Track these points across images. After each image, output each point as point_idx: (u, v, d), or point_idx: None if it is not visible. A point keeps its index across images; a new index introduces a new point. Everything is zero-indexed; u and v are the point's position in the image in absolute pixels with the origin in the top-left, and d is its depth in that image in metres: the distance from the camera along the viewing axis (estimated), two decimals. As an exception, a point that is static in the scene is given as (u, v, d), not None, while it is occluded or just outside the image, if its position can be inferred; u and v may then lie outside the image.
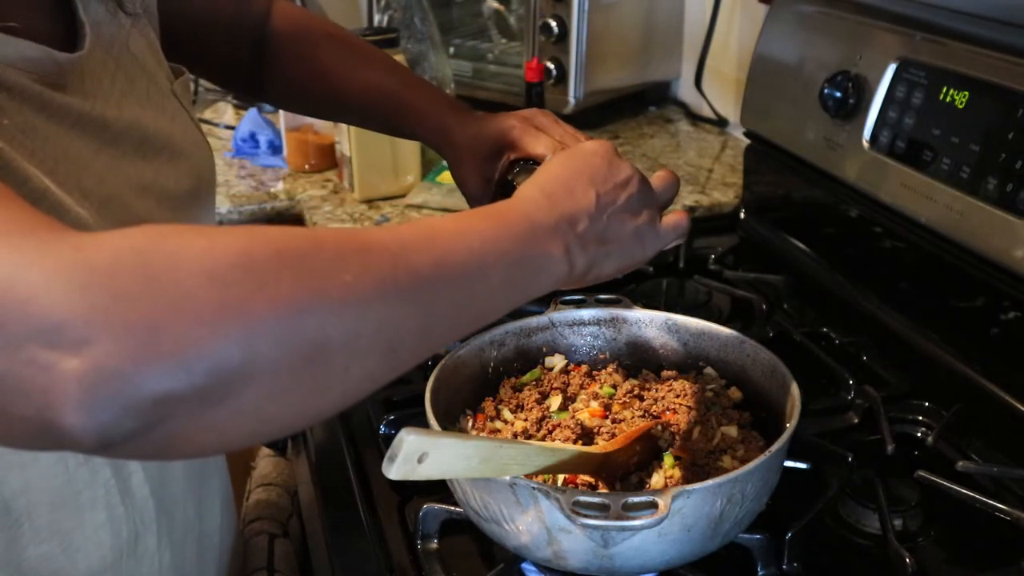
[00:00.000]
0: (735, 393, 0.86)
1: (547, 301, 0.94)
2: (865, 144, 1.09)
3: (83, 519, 0.69)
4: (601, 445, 0.77)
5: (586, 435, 0.80)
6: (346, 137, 1.43)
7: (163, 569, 0.75)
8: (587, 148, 0.69)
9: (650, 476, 0.76)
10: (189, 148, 0.75)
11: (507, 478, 0.66)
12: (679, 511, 0.65)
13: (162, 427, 0.42)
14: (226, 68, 0.97)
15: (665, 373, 0.90)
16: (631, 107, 1.86)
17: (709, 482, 0.67)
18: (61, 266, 0.41)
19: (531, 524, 0.68)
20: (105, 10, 0.69)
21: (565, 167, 0.67)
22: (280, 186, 1.52)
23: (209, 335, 0.42)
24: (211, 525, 0.84)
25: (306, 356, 0.45)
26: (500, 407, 0.84)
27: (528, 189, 0.64)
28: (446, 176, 1.51)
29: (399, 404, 0.96)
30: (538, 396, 0.85)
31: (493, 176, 0.84)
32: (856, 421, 0.94)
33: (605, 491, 0.73)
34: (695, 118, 1.82)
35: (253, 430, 0.46)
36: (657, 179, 0.73)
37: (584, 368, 0.90)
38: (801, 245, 1.26)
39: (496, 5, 1.82)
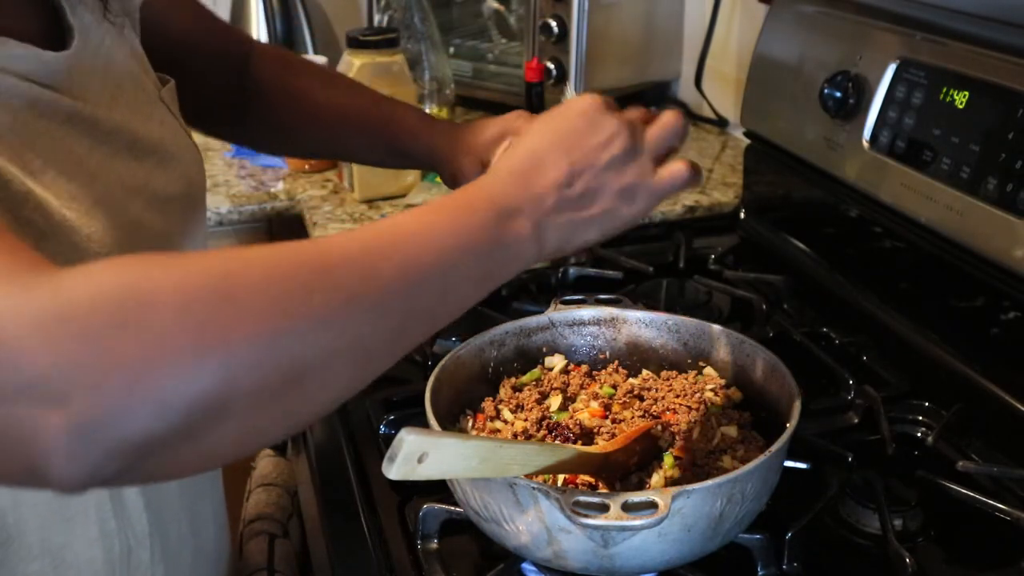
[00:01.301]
0: (735, 393, 0.86)
1: (547, 301, 0.95)
2: (865, 144, 1.09)
3: (74, 534, 0.67)
4: (601, 445, 0.77)
5: (586, 435, 0.80)
6: (346, 137, 1.43)
7: None
8: (568, 109, 0.66)
9: (650, 476, 0.76)
10: (179, 152, 0.74)
11: (507, 478, 0.66)
12: (679, 511, 0.65)
13: (147, 462, 0.43)
14: (206, 101, 0.93)
15: (665, 373, 0.90)
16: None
17: (709, 482, 0.67)
18: (39, 317, 0.41)
19: (531, 524, 0.68)
20: (91, 16, 0.69)
21: (538, 137, 0.65)
22: (280, 186, 1.52)
23: (186, 374, 0.42)
24: (205, 537, 0.83)
25: (283, 380, 0.46)
26: (500, 407, 0.84)
27: (496, 169, 0.63)
28: (446, 176, 1.51)
29: (399, 404, 0.96)
30: (538, 396, 0.85)
31: None
32: (856, 421, 0.94)
33: (605, 491, 0.73)
34: (695, 118, 1.82)
35: (236, 452, 0.47)
36: (656, 127, 0.69)
37: (584, 368, 0.90)
38: (801, 245, 1.26)
39: (496, 5, 1.82)
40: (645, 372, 0.90)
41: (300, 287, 0.47)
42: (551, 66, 1.67)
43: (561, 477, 0.74)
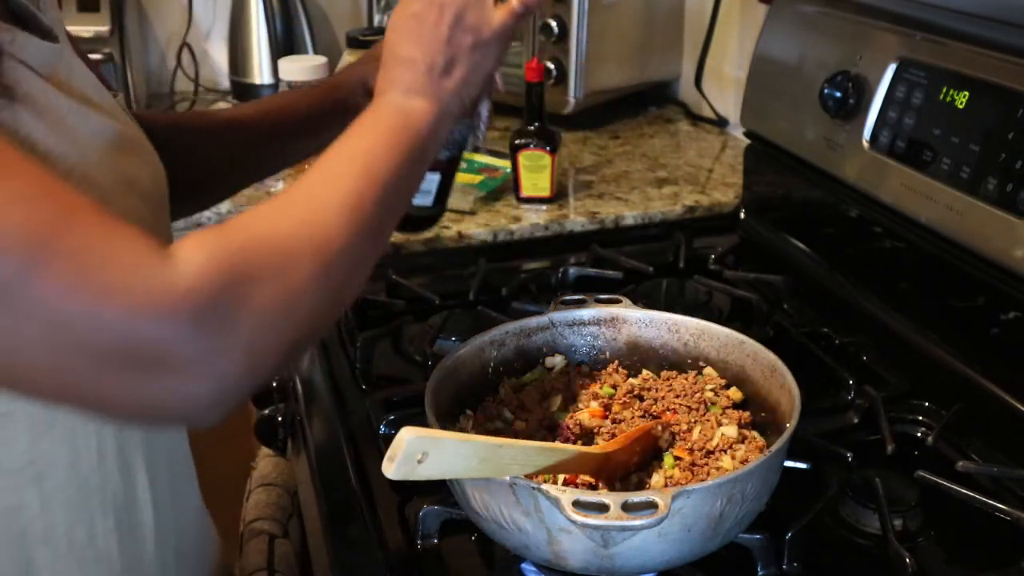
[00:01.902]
0: (735, 393, 0.86)
1: (547, 301, 0.95)
2: (865, 144, 1.09)
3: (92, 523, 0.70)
4: (601, 445, 0.77)
5: (586, 435, 0.80)
6: (346, 137, 1.43)
7: None
8: (401, 8, 0.76)
9: (650, 476, 0.76)
10: (151, 152, 0.75)
11: (507, 478, 0.66)
12: (679, 511, 0.65)
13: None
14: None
15: (665, 373, 0.90)
16: (631, 107, 1.86)
17: (709, 482, 0.67)
18: (173, 303, 0.52)
19: (531, 524, 0.68)
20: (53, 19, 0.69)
21: (388, 40, 0.75)
22: (280, 186, 1.52)
23: (311, 299, 0.58)
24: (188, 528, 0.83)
25: (317, 314, 0.60)
26: (500, 407, 0.84)
27: (379, 86, 0.74)
28: (446, 176, 1.51)
29: (399, 404, 0.96)
30: (538, 396, 0.85)
31: None
32: (856, 421, 0.94)
33: (605, 491, 0.73)
34: (695, 118, 1.82)
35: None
36: None
37: (584, 368, 0.90)
38: (801, 245, 1.26)
39: (496, 5, 1.82)
40: (645, 372, 0.90)
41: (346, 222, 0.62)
42: (551, 66, 1.67)
43: (561, 477, 0.74)
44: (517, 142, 1.41)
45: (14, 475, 0.65)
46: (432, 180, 0.87)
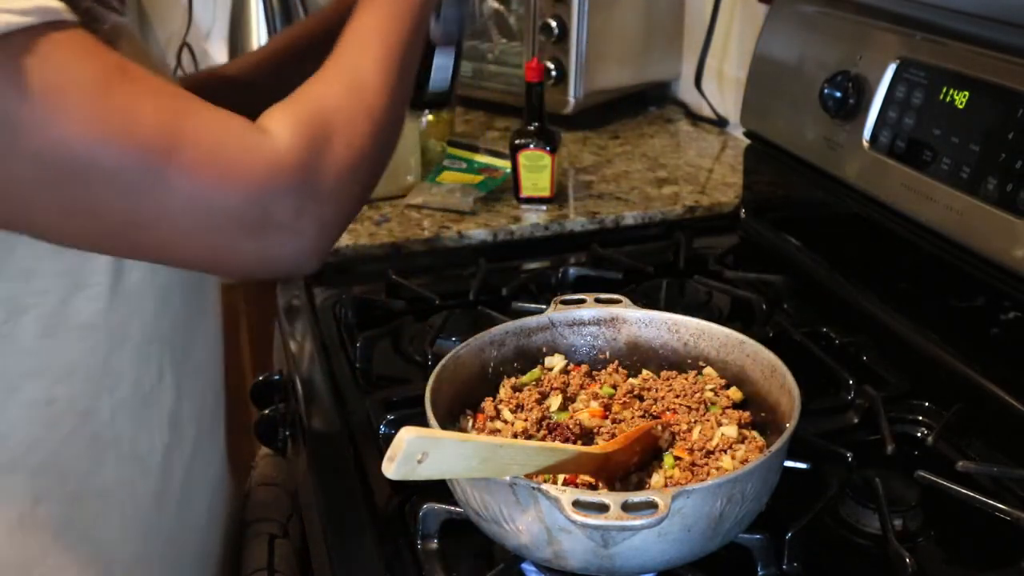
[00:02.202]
0: (735, 393, 0.86)
1: (547, 301, 0.95)
2: (865, 144, 1.09)
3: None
4: (601, 445, 0.77)
5: (586, 435, 0.80)
6: (346, 137, 1.43)
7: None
8: None
9: (650, 476, 0.76)
10: None
11: (507, 478, 0.66)
12: (679, 511, 0.65)
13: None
14: None
15: (665, 373, 0.90)
16: (631, 107, 1.86)
17: (709, 482, 0.67)
18: (279, 171, 0.63)
19: (531, 524, 0.68)
20: None
21: None
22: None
23: (368, 153, 0.70)
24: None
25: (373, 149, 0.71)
26: (500, 407, 0.84)
27: None
28: (446, 176, 1.51)
29: (399, 404, 0.96)
30: (538, 396, 0.85)
31: None
32: (856, 421, 0.94)
33: (605, 491, 0.73)
34: (695, 118, 1.82)
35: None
36: None
37: (584, 368, 0.90)
38: (801, 245, 1.26)
39: (496, 5, 1.82)
40: (645, 372, 0.90)
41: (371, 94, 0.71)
42: (551, 66, 1.67)
43: (561, 477, 0.74)
44: (517, 142, 1.41)
45: (93, 383, 0.77)
46: (448, 57, 0.93)
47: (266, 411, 1.15)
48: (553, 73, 1.68)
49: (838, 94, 1.11)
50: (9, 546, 0.76)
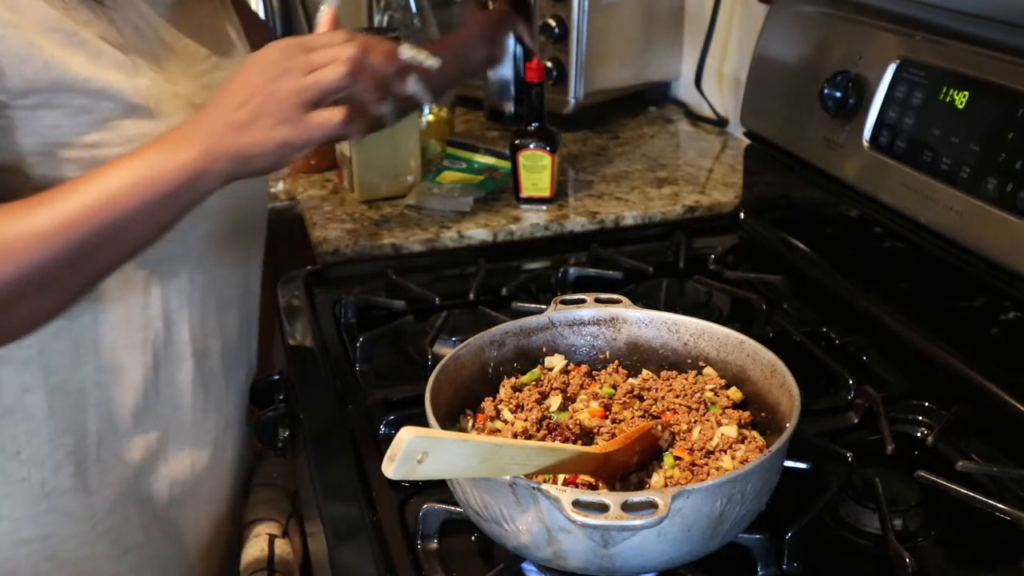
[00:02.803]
0: (735, 393, 0.86)
1: (547, 301, 0.95)
2: (865, 144, 1.09)
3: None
4: (601, 445, 0.77)
5: (586, 435, 0.80)
6: (346, 137, 1.43)
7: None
8: (266, 48, 0.79)
9: (650, 476, 0.76)
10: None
11: (507, 478, 0.66)
12: (679, 511, 0.65)
13: None
14: None
15: (665, 373, 0.90)
16: (631, 107, 1.86)
17: (709, 482, 0.67)
18: None
19: (531, 524, 0.68)
20: None
21: (236, 74, 0.78)
22: (280, 186, 1.52)
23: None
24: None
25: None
26: (500, 407, 0.84)
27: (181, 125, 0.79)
28: (446, 176, 1.51)
29: (399, 404, 0.96)
30: (538, 396, 0.85)
31: None
32: (856, 421, 0.94)
33: (605, 491, 0.73)
34: (695, 118, 1.82)
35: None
36: (325, 69, 0.77)
37: (584, 368, 0.90)
38: (801, 245, 1.26)
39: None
40: (645, 372, 0.90)
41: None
42: (551, 66, 1.67)
43: (561, 477, 0.74)
44: (517, 142, 1.41)
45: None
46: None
47: (266, 411, 1.15)
48: (553, 73, 1.68)
49: (838, 94, 1.11)
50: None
